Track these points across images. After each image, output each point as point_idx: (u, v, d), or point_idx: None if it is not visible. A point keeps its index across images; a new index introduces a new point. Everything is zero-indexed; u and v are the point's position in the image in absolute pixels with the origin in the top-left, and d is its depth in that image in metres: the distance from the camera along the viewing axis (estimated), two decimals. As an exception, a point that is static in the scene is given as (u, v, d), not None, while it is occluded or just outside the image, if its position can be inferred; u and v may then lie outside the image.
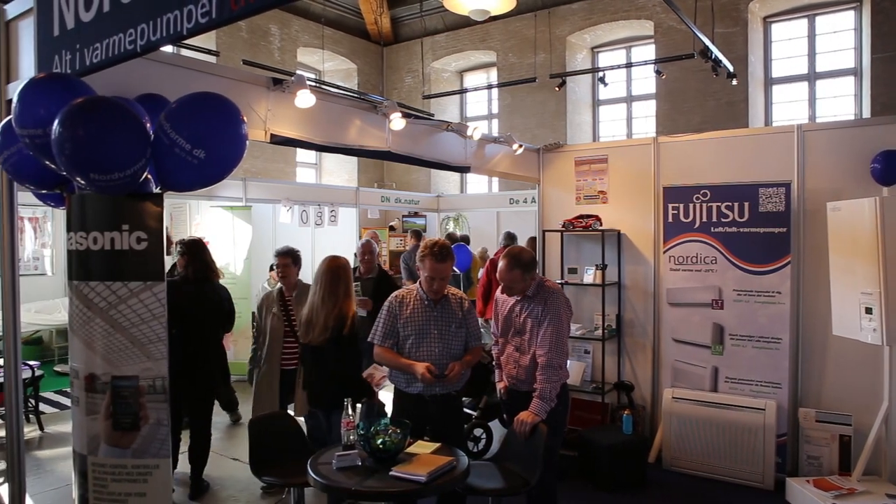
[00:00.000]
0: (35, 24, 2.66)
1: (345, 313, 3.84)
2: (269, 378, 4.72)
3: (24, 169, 2.55)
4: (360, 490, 2.87)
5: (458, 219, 11.70)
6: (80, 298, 2.38)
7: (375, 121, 4.34)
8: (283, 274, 4.82)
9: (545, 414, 3.56)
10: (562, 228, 5.76)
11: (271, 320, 4.75)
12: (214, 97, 2.39)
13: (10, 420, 2.95)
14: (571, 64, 11.53)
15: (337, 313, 3.83)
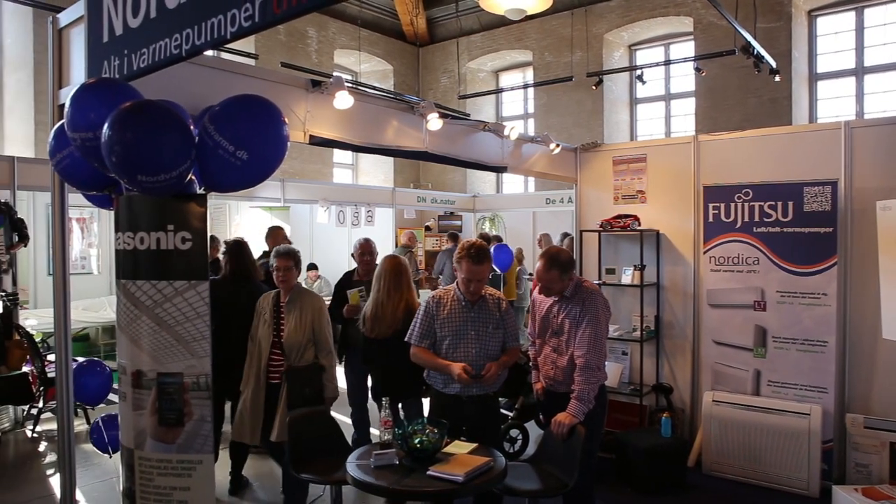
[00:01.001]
0: (86, 32, 2.74)
1: (412, 305, 4.23)
2: (255, 393, 4.09)
3: (75, 171, 2.63)
4: (397, 489, 2.89)
5: (493, 219, 11.68)
6: (128, 297, 2.44)
7: (412, 121, 4.36)
8: (284, 277, 4.14)
9: (583, 415, 3.53)
10: (599, 228, 5.70)
11: (262, 328, 4.15)
12: (257, 99, 2.44)
13: (61, 414, 3.04)
14: (608, 62, 11.41)
15: (404, 305, 4.21)
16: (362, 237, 5.18)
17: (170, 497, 2.43)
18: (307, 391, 3.65)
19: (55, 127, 2.70)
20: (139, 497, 2.48)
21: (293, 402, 3.61)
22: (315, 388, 3.77)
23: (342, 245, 9.81)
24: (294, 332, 3.94)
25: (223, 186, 2.45)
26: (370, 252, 5.07)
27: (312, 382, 3.72)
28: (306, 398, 3.64)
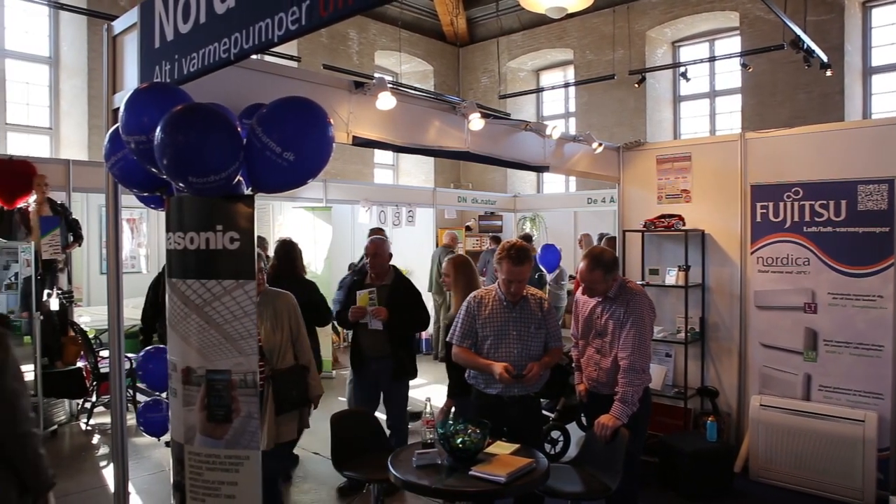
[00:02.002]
0: (138, 38, 2.82)
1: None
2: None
3: (128, 173, 2.72)
4: (439, 488, 2.90)
5: (534, 219, 11.61)
6: (178, 295, 2.51)
7: (454, 121, 4.37)
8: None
9: (627, 418, 3.49)
10: (643, 228, 5.62)
11: None
12: (303, 101, 2.48)
13: (115, 408, 3.14)
14: (651, 59, 11.23)
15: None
16: (375, 235, 4.92)
17: (218, 491, 2.49)
18: (294, 393, 3.60)
19: (110, 131, 2.79)
20: (189, 490, 2.54)
21: (281, 405, 3.47)
22: (301, 389, 3.69)
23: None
24: (272, 335, 3.60)
25: (270, 187, 2.50)
26: (377, 253, 4.59)
27: (298, 384, 3.64)
28: (293, 401, 3.59)
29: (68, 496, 4.42)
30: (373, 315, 4.41)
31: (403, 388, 4.73)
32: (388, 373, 4.55)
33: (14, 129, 8.83)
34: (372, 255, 4.59)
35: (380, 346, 4.52)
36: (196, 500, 2.53)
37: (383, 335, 4.47)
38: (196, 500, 2.53)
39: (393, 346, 4.52)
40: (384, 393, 4.67)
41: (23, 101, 8.95)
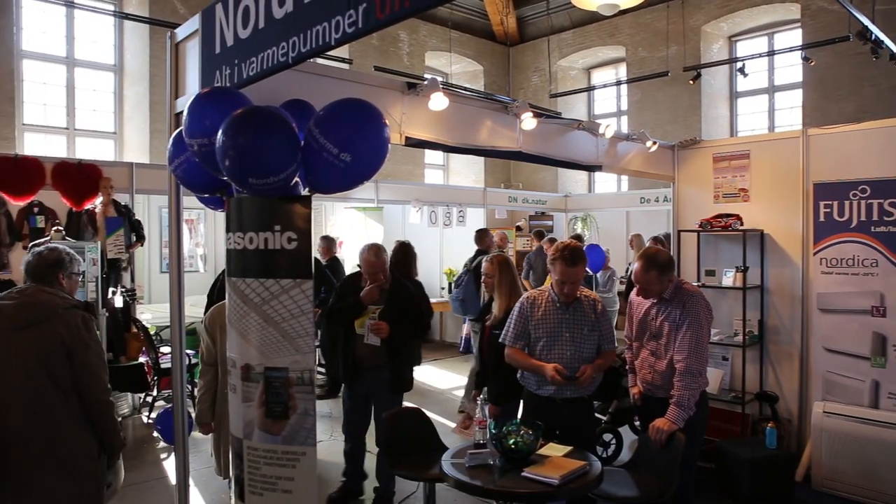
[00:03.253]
0: (200, 44, 2.91)
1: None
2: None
3: (190, 175, 2.80)
4: (492, 489, 2.90)
5: (585, 219, 11.47)
6: (238, 294, 2.57)
7: (506, 121, 4.36)
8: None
9: (683, 422, 3.42)
10: (699, 228, 5.49)
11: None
12: (359, 103, 2.51)
13: (176, 403, 3.25)
14: (707, 55, 10.95)
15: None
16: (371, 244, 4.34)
17: (275, 486, 2.54)
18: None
19: (174, 134, 2.88)
20: (247, 484, 2.61)
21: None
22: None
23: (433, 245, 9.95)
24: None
25: (327, 188, 2.54)
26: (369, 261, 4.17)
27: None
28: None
29: (131, 486, 4.58)
30: (372, 330, 4.05)
31: (398, 401, 4.38)
32: (384, 384, 4.25)
33: (82, 134, 9.23)
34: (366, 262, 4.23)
35: (377, 355, 4.18)
36: (254, 493, 2.59)
37: (379, 347, 4.14)
38: (254, 493, 2.59)
39: (391, 355, 4.21)
40: (376, 407, 4.34)
41: (90, 107, 9.34)
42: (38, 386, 2.65)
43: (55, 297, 2.80)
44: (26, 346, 2.66)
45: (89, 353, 2.74)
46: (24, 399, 2.64)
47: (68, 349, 2.69)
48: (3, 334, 2.67)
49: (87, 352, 2.73)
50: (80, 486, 2.74)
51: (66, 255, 2.95)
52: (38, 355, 2.66)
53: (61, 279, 2.90)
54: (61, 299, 2.81)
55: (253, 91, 2.65)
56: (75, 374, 2.70)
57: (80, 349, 2.72)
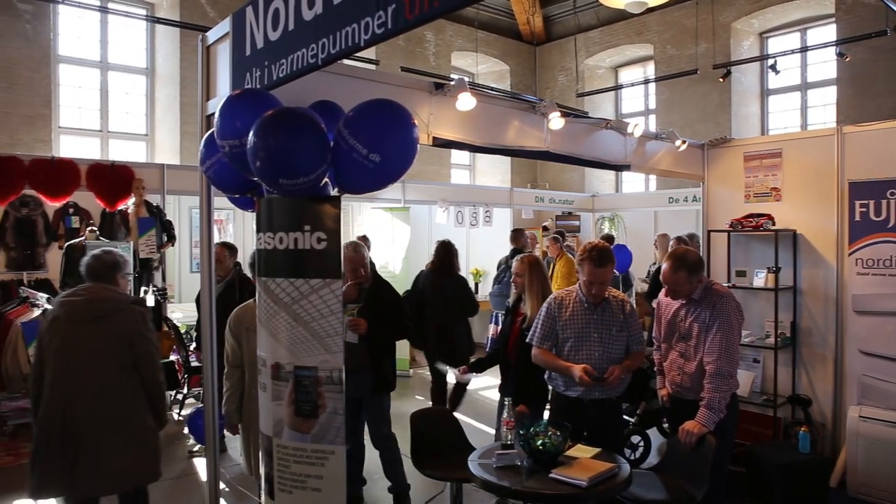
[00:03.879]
0: (230, 47, 2.95)
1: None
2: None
3: (222, 176, 2.84)
4: (519, 490, 2.89)
5: (613, 219, 11.37)
6: (268, 293, 2.60)
7: (533, 121, 4.34)
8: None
9: (713, 425, 3.37)
10: (729, 228, 5.41)
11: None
12: (388, 104, 2.52)
13: (207, 402, 3.30)
14: (737, 52, 10.77)
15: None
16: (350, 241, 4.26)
17: (304, 484, 2.57)
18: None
19: (205, 136, 2.92)
20: (277, 482, 2.64)
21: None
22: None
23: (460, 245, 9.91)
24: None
25: (356, 188, 2.55)
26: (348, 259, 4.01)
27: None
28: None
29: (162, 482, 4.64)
30: (349, 326, 3.92)
31: (385, 401, 4.33)
32: (367, 387, 4.16)
33: (115, 136, 9.42)
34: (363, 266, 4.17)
35: (358, 357, 4.00)
36: (284, 491, 2.62)
37: (361, 346, 4.03)
38: (284, 491, 2.62)
39: (373, 357, 4.14)
40: (365, 409, 4.31)
41: (123, 110, 9.53)
42: (105, 370, 3.10)
43: (117, 295, 3.26)
44: (95, 336, 3.10)
45: (147, 343, 3.22)
46: (94, 381, 3.08)
47: (130, 339, 3.14)
48: (75, 326, 3.10)
49: (146, 342, 3.21)
50: (141, 455, 3.19)
51: (121, 258, 3.38)
52: (104, 344, 3.10)
53: (118, 279, 3.32)
54: (122, 296, 3.30)
55: (282, 92, 2.68)
56: (135, 360, 3.15)
57: (140, 340, 3.17)
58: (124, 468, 3.12)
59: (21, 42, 8.12)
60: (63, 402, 3.06)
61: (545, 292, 4.03)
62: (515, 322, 4.14)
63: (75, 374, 3.06)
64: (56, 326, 3.13)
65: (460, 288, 6.04)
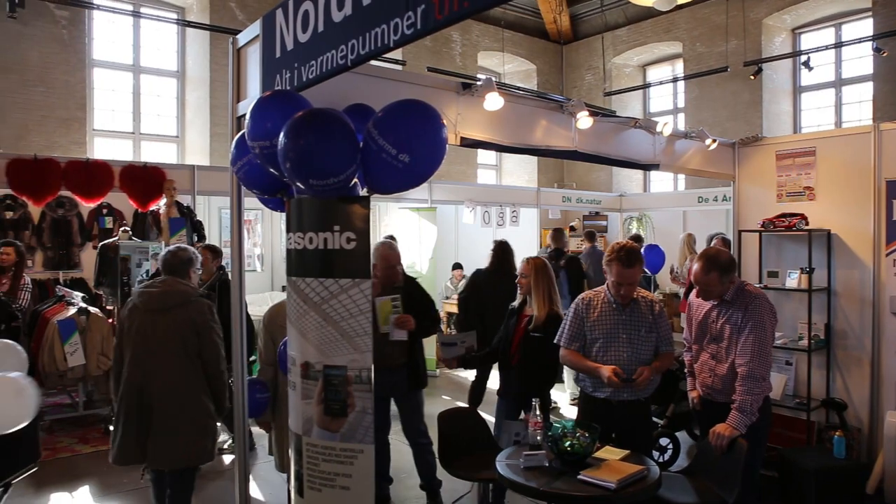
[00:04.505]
0: (260, 49, 2.98)
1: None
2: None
3: (252, 177, 2.88)
4: (547, 491, 2.87)
5: (641, 219, 11.25)
6: (297, 293, 2.63)
7: (561, 120, 4.32)
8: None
9: (745, 428, 3.32)
10: (760, 228, 5.31)
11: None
12: (417, 104, 2.53)
13: (237, 398, 3.34)
14: (768, 49, 10.59)
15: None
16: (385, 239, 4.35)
17: (333, 482, 2.59)
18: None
19: (236, 137, 2.96)
20: (306, 479, 2.66)
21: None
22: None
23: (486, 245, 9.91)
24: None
25: (385, 188, 2.57)
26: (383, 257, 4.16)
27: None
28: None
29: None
30: (397, 324, 3.91)
31: (420, 397, 4.43)
32: (403, 384, 4.27)
33: (147, 138, 9.59)
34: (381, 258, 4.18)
35: (397, 355, 4.17)
36: (313, 489, 2.64)
37: (402, 344, 4.08)
38: (313, 489, 2.64)
39: (409, 354, 4.24)
40: (399, 406, 4.40)
41: (154, 112, 9.70)
42: (174, 356, 3.45)
43: (188, 288, 3.60)
44: (167, 324, 3.46)
45: (213, 333, 3.54)
46: (164, 365, 3.44)
47: (197, 328, 3.48)
48: (149, 315, 3.49)
49: (211, 332, 3.53)
50: (200, 436, 3.50)
51: (194, 255, 3.77)
52: (175, 332, 3.45)
53: (191, 273, 3.70)
54: (192, 290, 3.63)
55: (311, 93, 2.70)
56: (200, 348, 3.49)
57: (206, 330, 3.51)
58: (185, 446, 3.44)
59: (57, 47, 8.32)
60: (139, 382, 3.44)
61: (552, 294, 4.04)
62: (520, 323, 4.11)
63: (149, 358, 3.44)
64: (134, 314, 3.53)
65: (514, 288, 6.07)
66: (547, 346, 3.91)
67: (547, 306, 3.99)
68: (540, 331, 3.93)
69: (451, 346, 4.19)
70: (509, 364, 4.13)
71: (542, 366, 3.97)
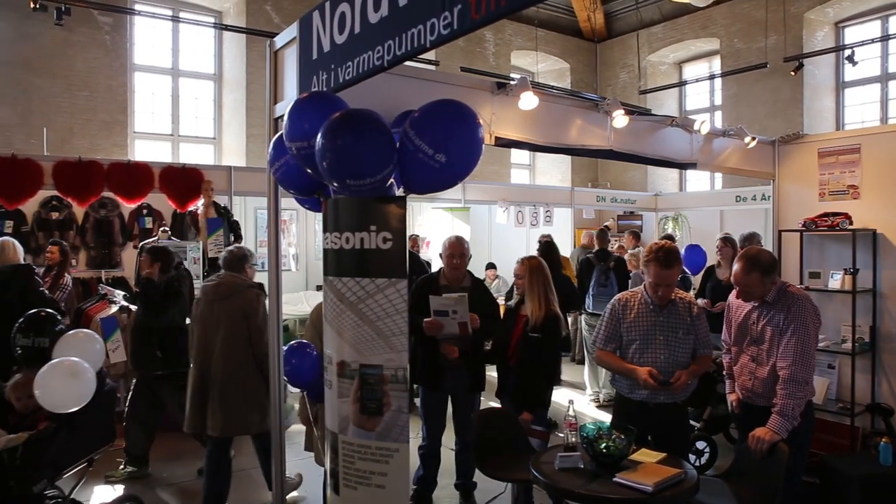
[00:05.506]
0: (297, 51, 3.02)
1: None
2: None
3: (290, 177, 2.91)
4: (583, 493, 2.85)
5: (677, 219, 11.08)
6: (334, 292, 2.65)
7: (596, 119, 4.28)
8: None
9: (786, 433, 3.24)
10: (802, 228, 5.19)
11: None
12: (453, 104, 2.53)
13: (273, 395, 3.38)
14: (809, 44, 10.33)
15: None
16: (452, 235, 4.43)
17: (369, 480, 2.60)
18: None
19: (274, 138, 3.00)
20: (342, 477, 2.68)
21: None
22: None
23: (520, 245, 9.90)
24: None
25: (422, 188, 2.57)
26: (461, 254, 4.24)
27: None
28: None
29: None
30: (459, 333, 3.99)
31: (478, 399, 4.42)
32: (464, 385, 4.27)
33: (185, 140, 9.79)
34: (458, 255, 4.24)
35: (460, 355, 4.17)
36: (349, 487, 2.66)
37: (465, 345, 4.13)
38: (349, 487, 2.66)
39: (472, 355, 4.23)
40: (456, 407, 4.39)
41: (192, 114, 9.90)
42: (228, 338, 4.03)
43: (239, 280, 4.19)
44: (221, 311, 4.08)
45: (258, 319, 4.07)
46: (221, 347, 4.03)
47: (246, 314, 4.06)
48: (209, 304, 4.14)
49: (257, 317, 4.07)
50: (255, 409, 4.02)
51: (249, 253, 4.37)
52: (228, 317, 4.05)
53: (246, 268, 4.28)
54: (243, 281, 4.21)
55: (348, 95, 2.72)
56: (249, 331, 4.04)
57: (253, 315, 4.08)
58: (236, 418, 3.99)
59: (101, 52, 8.55)
60: (202, 362, 4.07)
61: (548, 295, 4.01)
62: (518, 324, 4.08)
63: (210, 340, 4.06)
64: (199, 304, 4.21)
65: (564, 285, 6.09)
66: (546, 348, 3.93)
67: (544, 307, 3.97)
68: (538, 331, 3.91)
69: (443, 316, 3.99)
70: (507, 365, 4.12)
71: (541, 367, 3.96)
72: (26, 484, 3.07)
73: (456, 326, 3.97)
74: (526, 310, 4.04)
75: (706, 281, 6.30)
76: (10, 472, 3.01)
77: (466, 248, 4.29)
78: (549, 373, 4.05)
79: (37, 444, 3.12)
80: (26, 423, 3.31)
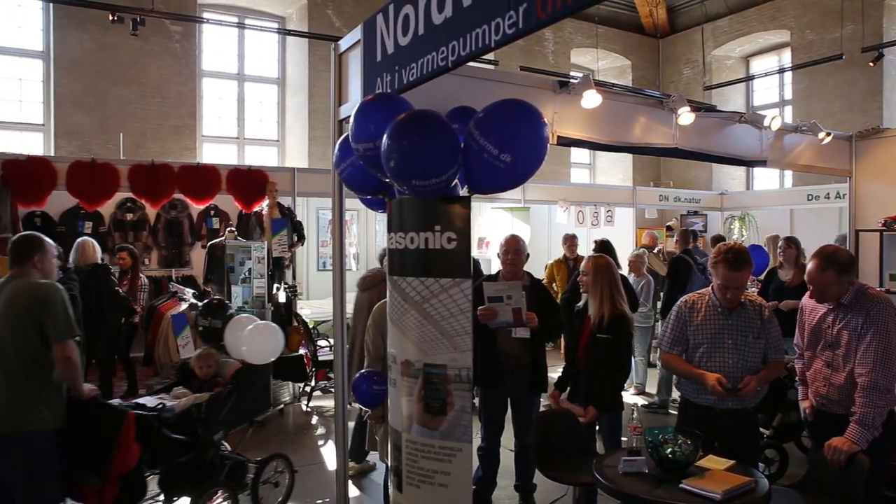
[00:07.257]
0: (362, 54, 3.07)
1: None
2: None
3: (355, 178, 2.96)
4: (648, 499, 2.78)
5: (743, 218, 10.71)
6: (398, 291, 2.68)
7: (661, 117, 4.20)
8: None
9: (866, 443, 3.08)
10: (882, 228, 4.94)
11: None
12: (518, 103, 2.52)
13: (338, 395, 3.45)
14: (890, 33, 9.81)
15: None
16: (509, 233, 4.40)
17: (432, 479, 2.62)
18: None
19: (339, 140, 3.05)
20: (405, 475, 2.70)
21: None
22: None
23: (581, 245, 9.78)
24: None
25: (487, 188, 2.57)
26: (515, 250, 4.16)
27: None
28: None
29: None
30: (517, 331, 3.97)
31: (537, 401, 4.32)
32: (524, 385, 4.18)
33: (250, 142, 10.09)
34: (514, 251, 4.15)
35: (520, 355, 4.13)
36: (412, 485, 2.68)
37: (526, 343, 4.08)
38: (412, 485, 2.68)
39: (533, 355, 4.16)
40: (515, 407, 4.29)
41: (257, 117, 10.19)
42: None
43: (378, 273, 4.49)
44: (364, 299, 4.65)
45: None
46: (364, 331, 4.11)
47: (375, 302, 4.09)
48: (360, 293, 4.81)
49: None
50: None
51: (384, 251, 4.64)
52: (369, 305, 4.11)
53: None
54: (380, 273, 4.42)
55: (412, 95, 2.75)
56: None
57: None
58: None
59: (172, 60, 8.90)
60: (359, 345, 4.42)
61: (613, 294, 3.90)
62: (586, 325, 4.00)
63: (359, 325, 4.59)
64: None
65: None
66: (616, 349, 3.85)
67: (609, 307, 3.86)
68: (605, 332, 3.83)
69: (497, 302, 3.85)
70: (577, 367, 4.05)
71: (612, 368, 3.89)
72: (209, 432, 3.79)
73: (510, 313, 3.83)
74: (590, 309, 3.99)
75: (768, 283, 6.07)
76: (198, 422, 3.74)
77: (522, 244, 4.20)
78: (618, 375, 3.96)
79: (215, 402, 3.86)
80: (206, 387, 4.08)
